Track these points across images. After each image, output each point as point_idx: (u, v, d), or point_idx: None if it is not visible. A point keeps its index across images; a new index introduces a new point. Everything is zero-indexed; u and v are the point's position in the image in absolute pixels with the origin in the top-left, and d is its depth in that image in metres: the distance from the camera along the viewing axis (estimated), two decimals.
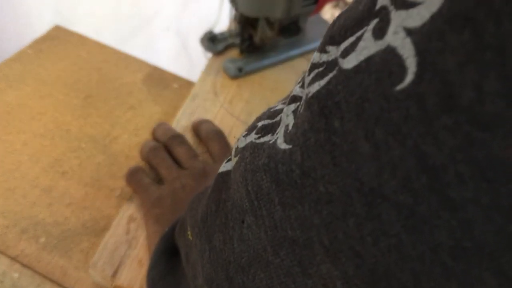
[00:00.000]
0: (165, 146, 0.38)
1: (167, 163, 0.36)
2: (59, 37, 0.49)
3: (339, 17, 0.14)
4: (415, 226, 0.11)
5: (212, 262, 0.18)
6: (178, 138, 0.38)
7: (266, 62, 0.48)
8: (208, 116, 0.42)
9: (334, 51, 0.13)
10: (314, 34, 0.52)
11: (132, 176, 0.36)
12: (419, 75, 0.10)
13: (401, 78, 0.10)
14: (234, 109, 0.44)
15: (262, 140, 0.16)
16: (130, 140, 0.40)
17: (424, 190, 0.10)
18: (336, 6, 1.90)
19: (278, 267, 0.14)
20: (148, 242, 0.32)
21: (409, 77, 0.10)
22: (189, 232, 0.21)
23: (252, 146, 0.16)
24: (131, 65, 0.48)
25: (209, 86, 0.46)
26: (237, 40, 0.47)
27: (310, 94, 0.13)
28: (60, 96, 0.43)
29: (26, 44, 0.48)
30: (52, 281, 0.31)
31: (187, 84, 0.47)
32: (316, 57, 0.14)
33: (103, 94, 0.44)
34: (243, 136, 0.18)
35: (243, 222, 0.16)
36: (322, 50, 0.14)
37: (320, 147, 0.12)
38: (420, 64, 0.10)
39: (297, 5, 0.42)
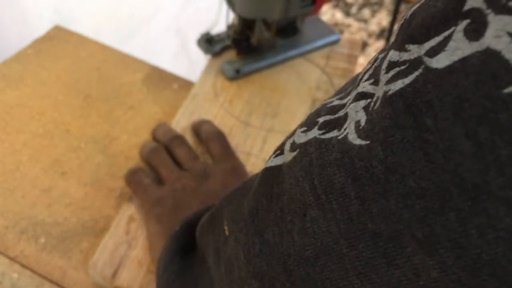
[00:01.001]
0: (165, 147, 0.38)
1: (168, 164, 0.36)
2: (58, 37, 0.49)
3: (414, 15, 0.14)
4: None
5: (263, 256, 0.18)
6: (179, 139, 0.38)
7: (263, 63, 0.48)
8: (208, 116, 0.42)
9: (416, 50, 0.13)
10: (311, 35, 0.52)
11: (132, 177, 0.35)
12: None
13: (509, 82, 0.10)
14: (234, 109, 0.44)
15: (328, 135, 0.16)
16: (130, 140, 0.40)
17: None
18: (336, 6, 1.90)
19: (354, 259, 0.15)
20: (149, 242, 0.32)
21: None
22: (226, 228, 0.21)
23: (317, 141, 0.16)
24: (131, 65, 0.48)
25: (209, 86, 0.46)
26: (234, 41, 0.47)
27: (391, 92, 0.13)
28: (59, 96, 0.43)
29: (25, 44, 0.47)
30: (51, 281, 0.31)
31: (187, 84, 0.47)
32: (394, 55, 0.14)
33: (103, 94, 0.44)
34: (302, 132, 0.18)
35: (305, 215, 0.16)
36: (402, 48, 0.14)
37: (409, 143, 0.13)
38: None
39: (294, 6, 0.42)
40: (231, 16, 0.46)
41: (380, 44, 1.76)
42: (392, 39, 0.15)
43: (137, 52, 0.51)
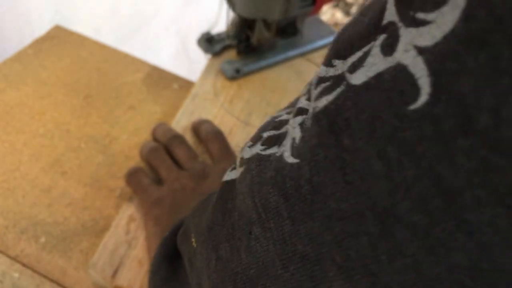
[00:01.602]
0: (165, 147, 0.38)
1: (167, 164, 0.36)
2: (58, 37, 0.49)
3: (343, 30, 0.14)
4: (431, 247, 0.11)
5: (218, 272, 0.18)
6: (178, 138, 0.38)
7: (263, 63, 0.48)
8: (208, 116, 0.42)
9: (340, 66, 0.13)
10: (312, 35, 0.52)
11: (132, 177, 0.35)
12: (434, 96, 0.10)
13: (414, 98, 0.10)
14: (234, 109, 0.44)
15: (268, 152, 0.16)
16: (130, 140, 0.40)
17: (440, 212, 0.10)
18: (336, 6, 1.90)
19: (288, 281, 0.14)
20: (148, 243, 0.32)
21: (423, 98, 0.10)
22: (193, 240, 0.21)
23: (258, 158, 0.16)
24: (131, 65, 0.48)
25: (209, 86, 0.46)
26: (234, 41, 0.47)
27: (317, 109, 0.13)
28: (59, 96, 0.43)
29: (25, 44, 0.47)
30: (52, 281, 0.31)
31: (187, 84, 0.47)
32: (322, 71, 0.14)
33: (103, 94, 0.44)
34: (248, 147, 0.18)
35: (250, 233, 0.16)
36: (329, 64, 0.14)
37: (331, 163, 0.12)
38: (435, 85, 0.10)
39: (294, 6, 0.42)
40: (231, 16, 0.46)
41: None
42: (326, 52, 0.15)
43: (137, 52, 0.51)
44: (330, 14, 1.87)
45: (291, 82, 0.48)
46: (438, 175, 0.10)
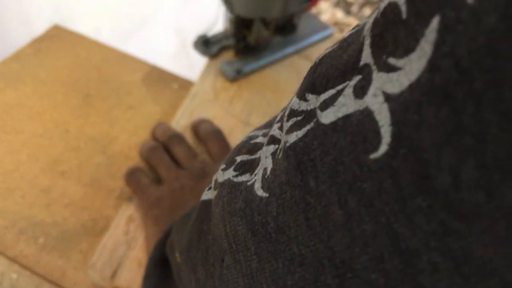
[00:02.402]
0: (164, 146, 0.38)
1: (166, 163, 0.36)
2: (58, 37, 0.49)
3: (321, 61, 0.13)
4: None
5: None
6: (177, 137, 0.38)
7: (262, 62, 0.48)
8: (208, 116, 0.42)
9: (313, 101, 0.13)
10: (306, 30, 0.52)
11: (131, 177, 0.35)
12: (393, 147, 0.09)
13: (376, 147, 0.10)
14: (234, 109, 0.44)
15: (240, 179, 0.16)
16: (130, 140, 0.40)
17: (397, 273, 0.10)
18: (336, 5, 1.90)
19: None
20: (147, 243, 0.32)
21: (383, 148, 0.10)
22: (177, 255, 0.21)
23: (230, 184, 0.16)
24: (130, 65, 0.47)
25: (209, 85, 0.46)
26: (232, 42, 0.47)
27: (288, 144, 0.13)
28: (59, 96, 0.43)
29: (24, 43, 0.47)
30: (51, 282, 0.31)
31: (186, 84, 0.47)
32: (295, 103, 0.14)
33: (102, 93, 0.44)
34: (222, 170, 0.17)
35: (222, 261, 0.16)
36: (302, 97, 0.13)
37: (295, 204, 0.12)
38: (395, 136, 0.09)
39: (293, 3, 0.42)
40: (229, 17, 0.46)
41: None
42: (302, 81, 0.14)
43: (136, 51, 0.51)
44: (330, 14, 1.87)
45: (291, 82, 0.48)
46: (396, 233, 0.10)
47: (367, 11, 1.90)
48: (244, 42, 0.46)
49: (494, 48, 0.08)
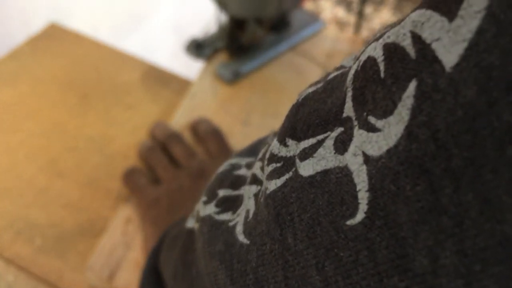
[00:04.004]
0: (163, 146, 0.38)
1: (164, 163, 0.35)
2: (55, 35, 0.49)
3: (304, 102, 0.13)
4: None
5: None
6: (176, 137, 0.38)
7: (258, 61, 0.47)
8: (207, 116, 0.42)
9: (293, 147, 0.12)
10: (297, 25, 0.51)
11: (129, 177, 0.35)
12: (369, 217, 0.09)
13: (352, 213, 0.09)
14: (233, 108, 0.43)
15: (221, 217, 0.15)
16: (128, 139, 0.40)
17: None
18: (337, 5, 1.89)
19: None
20: (145, 244, 0.31)
21: (360, 215, 0.09)
22: (165, 276, 0.20)
23: (211, 222, 0.15)
24: (128, 64, 0.47)
25: (208, 85, 0.45)
26: (224, 43, 0.47)
27: (267, 192, 0.12)
28: (56, 95, 0.42)
29: (21, 41, 0.47)
30: (48, 283, 0.30)
31: (185, 83, 0.46)
32: (275, 147, 0.13)
33: (100, 93, 0.43)
34: (203, 202, 0.17)
35: None
36: (282, 141, 0.13)
37: (275, 259, 0.11)
38: (372, 205, 0.09)
39: (287, 1, 0.42)
40: (222, 18, 0.45)
41: None
42: (283, 119, 0.14)
43: (135, 50, 0.51)
44: (331, 11, 1.86)
45: (291, 81, 0.47)
46: None
47: (368, 9, 1.89)
48: (237, 43, 0.46)
49: (473, 124, 0.07)
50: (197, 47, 0.48)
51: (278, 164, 0.12)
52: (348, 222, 0.09)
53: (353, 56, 0.12)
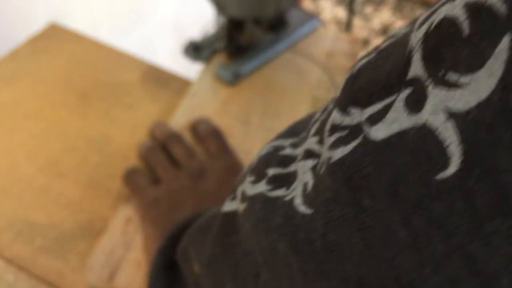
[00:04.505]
0: (162, 145, 0.38)
1: (164, 163, 0.35)
2: (54, 35, 0.49)
3: (359, 72, 0.13)
4: None
5: None
6: (176, 137, 0.38)
7: (257, 61, 0.47)
8: (207, 115, 0.42)
9: (357, 115, 0.12)
10: (293, 23, 0.51)
11: (129, 177, 0.35)
12: (466, 168, 0.09)
13: (444, 166, 0.09)
14: (233, 108, 0.43)
15: (275, 194, 0.15)
16: (128, 140, 0.40)
17: None
18: (337, 5, 1.89)
19: None
20: (145, 244, 0.31)
21: (453, 168, 0.09)
22: (195, 266, 0.20)
23: (263, 199, 0.15)
24: (128, 64, 0.47)
25: (208, 84, 0.45)
26: (222, 44, 0.47)
27: (332, 160, 0.12)
28: (56, 95, 0.42)
29: (20, 41, 0.47)
30: (48, 283, 0.30)
31: (185, 83, 0.46)
32: (336, 118, 0.13)
33: (100, 93, 0.43)
34: (250, 182, 0.17)
35: (257, 276, 0.15)
36: (344, 111, 0.13)
37: (347, 223, 0.11)
38: (467, 156, 0.09)
39: (286, 1, 0.42)
40: (221, 20, 0.45)
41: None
42: (337, 93, 0.14)
43: (135, 50, 0.51)
44: (331, 13, 1.86)
45: (291, 81, 0.47)
46: (471, 255, 0.09)
47: (368, 9, 1.89)
48: (236, 44, 0.46)
49: None
50: (195, 49, 0.48)
51: (343, 133, 0.12)
52: (439, 176, 0.10)
53: (406, 24, 0.12)
